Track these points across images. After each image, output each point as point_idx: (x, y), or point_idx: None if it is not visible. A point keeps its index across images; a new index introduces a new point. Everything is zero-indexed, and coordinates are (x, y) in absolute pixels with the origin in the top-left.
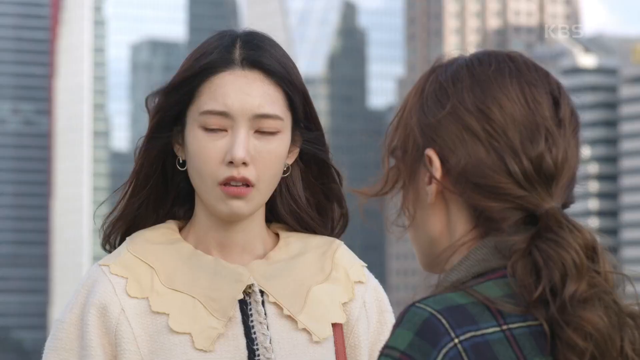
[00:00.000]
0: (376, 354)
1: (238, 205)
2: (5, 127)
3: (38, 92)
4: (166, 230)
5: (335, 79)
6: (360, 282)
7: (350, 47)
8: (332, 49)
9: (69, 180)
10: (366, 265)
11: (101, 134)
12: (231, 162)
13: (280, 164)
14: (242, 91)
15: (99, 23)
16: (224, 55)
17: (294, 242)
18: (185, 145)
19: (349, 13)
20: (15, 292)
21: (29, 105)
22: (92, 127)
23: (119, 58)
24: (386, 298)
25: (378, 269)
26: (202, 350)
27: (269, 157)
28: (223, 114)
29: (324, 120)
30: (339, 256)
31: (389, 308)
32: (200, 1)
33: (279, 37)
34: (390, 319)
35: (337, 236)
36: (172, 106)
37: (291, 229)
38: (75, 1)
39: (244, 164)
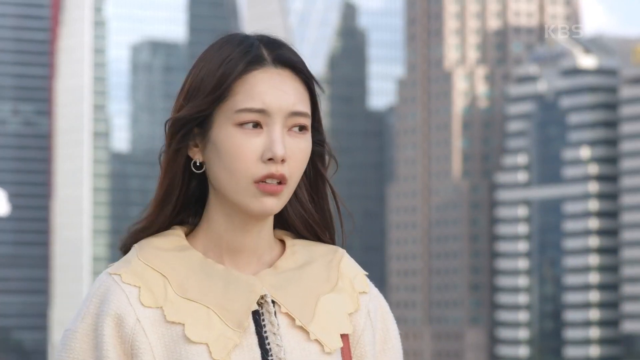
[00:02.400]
0: None
1: (271, 203)
2: (5, 128)
3: (38, 92)
4: (174, 237)
5: (336, 80)
6: (364, 292)
7: (351, 47)
8: (332, 50)
9: (69, 181)
10: (367, 273)
11: (101, 135)
12: (270, 159)
13: (306, 162)
14: (278, 89)
15: (99, 24)
16: (256, 53)
17: (299, 250)
18: (214, 145)
19: (349, 13)
20: (16, 293)
21: (29, 106)
22: (92, 127)
23: (119, 59)
24: (387, 305)
25: (378, 269)
26: None
27: (300, 155)
28: (261, 112)
29: (324, 121)
30: (344, 265)
31: (391, 315)
32: (201, 2)
33: None
34: (392, 326)
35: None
36: (202, 110)
37: (295, 235)
38: (76, 2)
39: (282, 160)
